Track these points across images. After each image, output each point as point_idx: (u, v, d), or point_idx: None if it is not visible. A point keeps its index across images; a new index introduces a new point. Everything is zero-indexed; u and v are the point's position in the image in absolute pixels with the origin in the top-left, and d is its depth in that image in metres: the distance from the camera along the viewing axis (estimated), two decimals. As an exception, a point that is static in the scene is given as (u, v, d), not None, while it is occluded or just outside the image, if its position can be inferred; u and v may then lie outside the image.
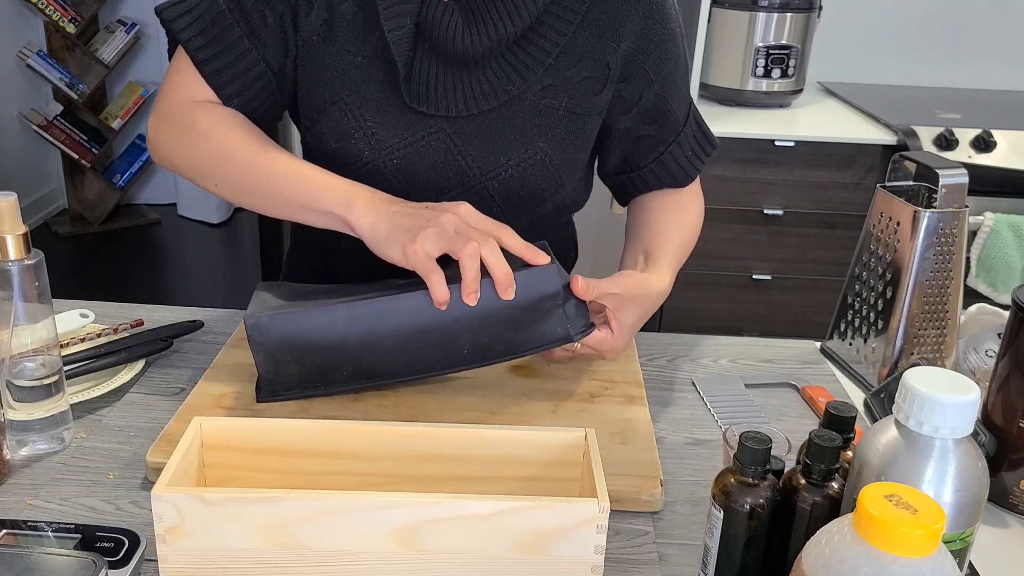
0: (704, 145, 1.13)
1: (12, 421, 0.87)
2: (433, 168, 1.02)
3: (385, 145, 1.01)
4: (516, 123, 1.01)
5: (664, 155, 1.10)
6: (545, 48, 1.00)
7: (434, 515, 0.66)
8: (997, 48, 2.82)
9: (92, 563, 0.68)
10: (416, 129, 1.01)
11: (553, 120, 1.02)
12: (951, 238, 1.03)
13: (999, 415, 0.85)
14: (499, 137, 1.02)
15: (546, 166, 1.03)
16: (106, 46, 3.90)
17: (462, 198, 1.02)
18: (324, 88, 1.02)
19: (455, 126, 1.01)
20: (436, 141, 1.01)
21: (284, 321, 0.91)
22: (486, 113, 1.01)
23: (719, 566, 0.68)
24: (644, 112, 1.07)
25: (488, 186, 1.03)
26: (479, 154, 1.02)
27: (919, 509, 0.50)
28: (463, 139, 1.01)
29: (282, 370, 0.93)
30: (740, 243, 2.43)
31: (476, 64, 0.99)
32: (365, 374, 0.93)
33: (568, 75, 1.02)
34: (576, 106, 1.03)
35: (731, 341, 1.18)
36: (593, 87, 1.03)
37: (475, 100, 1.00)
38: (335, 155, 1.03)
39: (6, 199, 0.81)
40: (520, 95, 1.01)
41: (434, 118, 1.01)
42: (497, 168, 1.02)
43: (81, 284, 3.57)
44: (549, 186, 1.04)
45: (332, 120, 1.02)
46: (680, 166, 1.11)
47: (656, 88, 1.06)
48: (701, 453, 0.93)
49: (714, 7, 2.50)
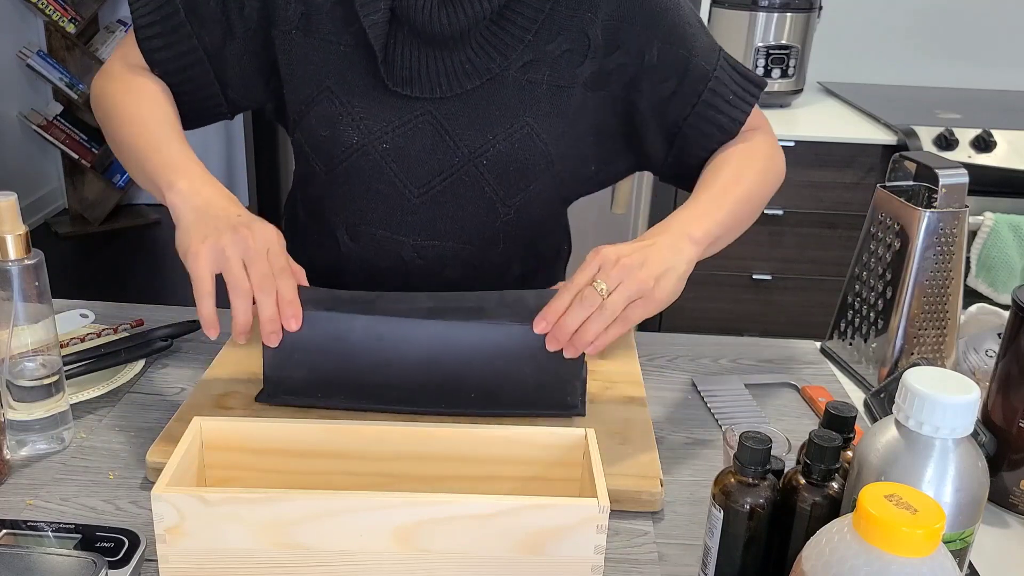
0: (747, 86, 1.06)
1: (12, 421, 0.87)
2: (423, 150, 1.03)
3: (373, 130, 1.02)
4: (500, 100, 1.02)
5: (699, 105, 1.04)
6: (523, 25, 1.00)
7: (434, 515, 0.66)
8: (997, 48, 2.82)
9: (92, 563, 0.68)
10: (402, 113, 1.02)
11: (537, 94, 1.02)
12: (951, 238, 1.03)
13: (999, 415, 0.85)
14: (485, 115, 1.02)
15: (534, 140, 1.03)
16: (106, 46, 3.90)
17: (453, 179, 1.03)
18: (309, 80, 1.03)
19: (440, 107, 1.02)
20: (423, 123, 1.02)
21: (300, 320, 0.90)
22: (470, 92, 1.02)
23: (719, 566, 0.68)
24: (656, 70, 1.03)
25: (478, 164, 1.03)
26: (466, 132, 1.02)
27: (919, 509, 0.50)
28: (449, 119, 1.02)
29: (288, 372, 0.92)
30: (740, 243, 2.39)
31: (455, 43, 1.00)
32: (368, 395, 0.92)
33: (548, 49, 1.02)
34: (559, 79, 1.03)
35: (731, 341, 1.18)
36: (574, 59, 1.03)
37: (458, 80, 1.01)
38: (325, 144, 1.04)
39: (6, 199, 0.81)
40: (502, 72, 1.01)
41: (419, 100, 1.02)
42: (485, 145, 1.02)
43: (81, 284, 3.57)
44: (539, 161, 1.04)
45: (320, 109, 1.03)
46: (722, 112, 1.04)
47: (659, 43, 1.02)
48: (701, 453, 0.93)
49: (714, 7, 2.50)
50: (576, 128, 1.06)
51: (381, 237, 1.07)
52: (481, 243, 1.08)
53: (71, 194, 4.10)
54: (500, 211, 1.05)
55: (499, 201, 1.05)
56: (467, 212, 1.05)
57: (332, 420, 0.78)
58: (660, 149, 1.08)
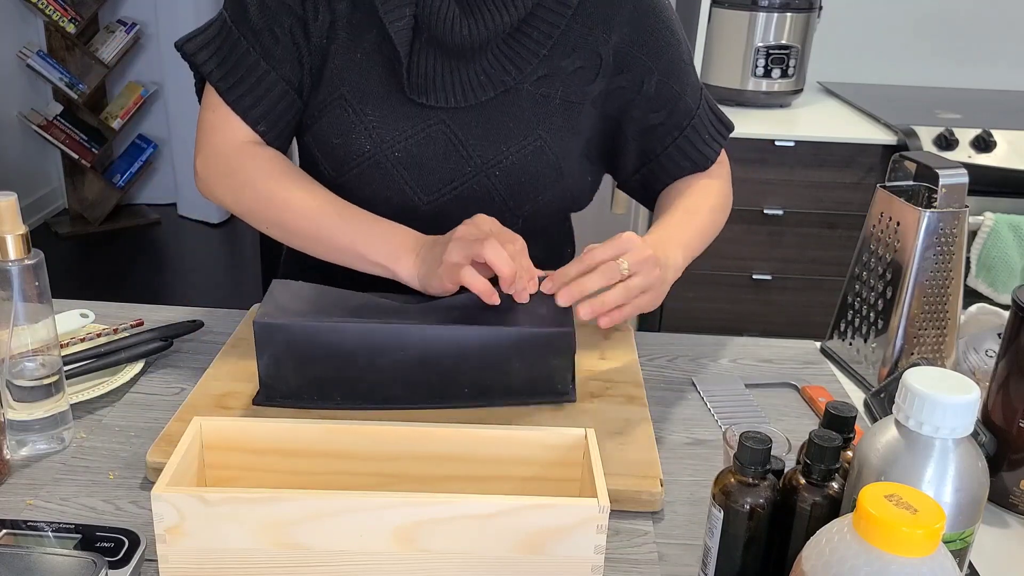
0: (720, 128, 1.14)
1: (12, 421, 0.87)
2: (435, 159, 1.03)
3: (386, 139, 1.02)
4: (514, 112, 1.03)
5: (680, 139, 1.11)
6: (539, 40, 1.02)
7: (434, 515, 0.66)
8: (997, 48, 2.82)
9: (92, 563, 0.68)
10: (416, 121, 1.02)
11: (550, 109, 1.04)
12: (951, 238, 1.03)
13: (999, 415, 0.85)
14: (498, 126, 1.03)
15: (545, 153, 1.04)
16: (106, 46, 3.90)
17: (464, 188, 1.03)
18: (324, 86, 1.04)
19: (454, 117, 1.03)
20: (436, 132, 1.03)
21: (292, 330, 0.90)
22: (484, 103, 1.03)
23: (719, 566, 0.68)
24: (650, 100, 1.08)
25: (490, 175, 1.04)
26: (479, 143, 1.03)
27: (919, 509, 0.50)
28: (463, 129, 1.03)
29: (282, 377, 0.92)
30: (740, 243, 2.43)
31: (473, 55, 1.01)
32: (363, 396, 0.93)
33: (562, 65, 1.04)
34: (571, 95, 1.05)
35: (731, 341, 1.18)
36: (586, 77, 1.05)
37: (473, 91, 1.02)
38: (337, 151, 1.04)
39: (6, 199, 0.81)
40: (517, 85, 1.03)
41: (434, 110, 1.02)
42: (498, 156, 1.03)
43: (81, 284, 3.57)
44: (549, 174, 1.06)
45: (333, 116, 1.03)
46: (698, 149, 1.12)
47: (657, 76, 1.07)
48: (701, 453, 0.93)
49: (714, 7, 2.50)
50: (581, 143, 1.09)
51: None
52: None
53: (71, 194, 4.11)
54: (508, 220, 1.05)
55: (507, 211, 1.05)
56: None
57: (332, 420, 0.78)
58: (631, 168, 1.15)
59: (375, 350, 0.91)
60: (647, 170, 1.14)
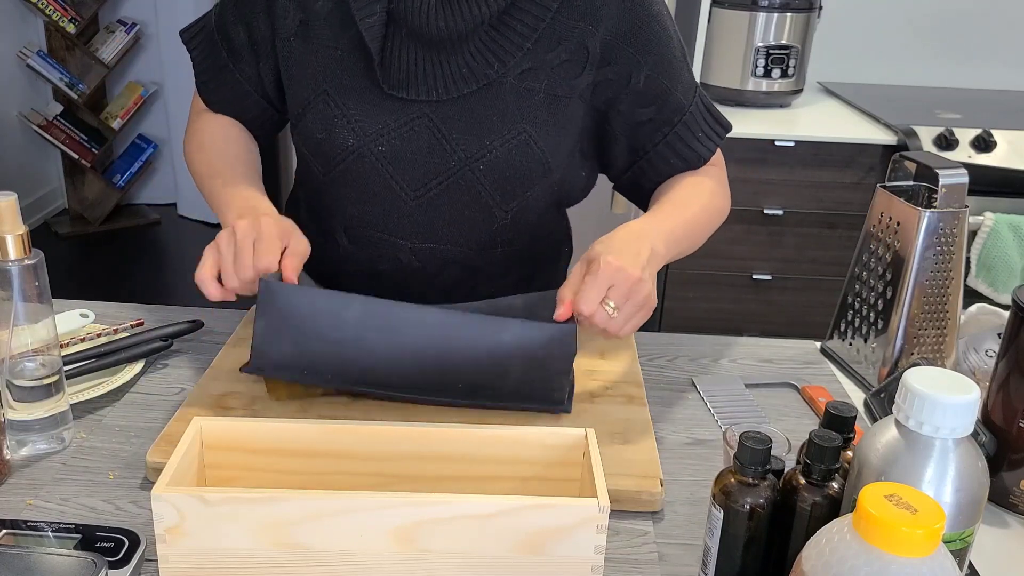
0: (715, 127, 1.11)
1: (12, 421, 0.87)
2: (419, 154, 1.03)
3: (369, 133, 1.02)
4: (498, 106, 1.02)
5: (670, 136, 1.08)
6: (524, 33, 1.01)
7: (434, 515, 0.66)
8: (997, 48, 2.82)
9: (92, 563, 0.68)
10: (398, 116, 1.02)
11: (535, 103, 1.03)
12: (951, 238, 1.03)
13: (999, 415, 0.85)
14: (482, 120, 1.02)
15: (531, 148, 1.03)
16: (106, 46, 3.90)
17: (450, 182, 1.03)
18: (307, 84, 1.04)
19: (437, 110, 1.02)
20: (419, 126, 1.02)
21: (297, 293, 0.90)
22: (467, 96, 1.02)
23: (719, 566, 0.68)
24: (639, 95, 1.06)
25: (474, 168, 1.03)
26: (463, 137, 1.02)
27: (919, 509, 0.50)
28: (446, 123, 1.02)
29: (276, 345, 0.91)
30: (740, 243, 2.43)
31: (453, 47, 1.00)
32: (355, 378, 0.92)
33: (547, 58, 1.02)
34: (556, 88, 1.03)
35: (731, 341, 1.18)
36: (573, 70, 1.03)
37: (455, 84, 1.01)
38: (322, 146, 1.04)
39: (6, 199, 0.81)
40: (500, 78, 1.01)
41: (415, 103, 1.02)
42: (481, 150, 1.02)
43: (81, 284, 3.57)
44: (536, 168, 1.04)
45: (316, 112, 1.04)
46: (689, 147, 1.09)
47: (646, 69, 1.05)
48: (701, 453, 0.93)
49: (714, 7, 2.50)
50: (571, 137, 1.07)
51: (378, 239, 1.07)
52: (478, 246, 1.08)
53: (71, 194, 4.10)
54: (497, 216, 1.06)
55: (496, 206, 1.05)
56: (464, 216, 1.05)
57: (332, 420, 0.78)
58: (621, 165, 1.13)
59: (373, 327, 0.91)
60: (638, 168, 1.12)
